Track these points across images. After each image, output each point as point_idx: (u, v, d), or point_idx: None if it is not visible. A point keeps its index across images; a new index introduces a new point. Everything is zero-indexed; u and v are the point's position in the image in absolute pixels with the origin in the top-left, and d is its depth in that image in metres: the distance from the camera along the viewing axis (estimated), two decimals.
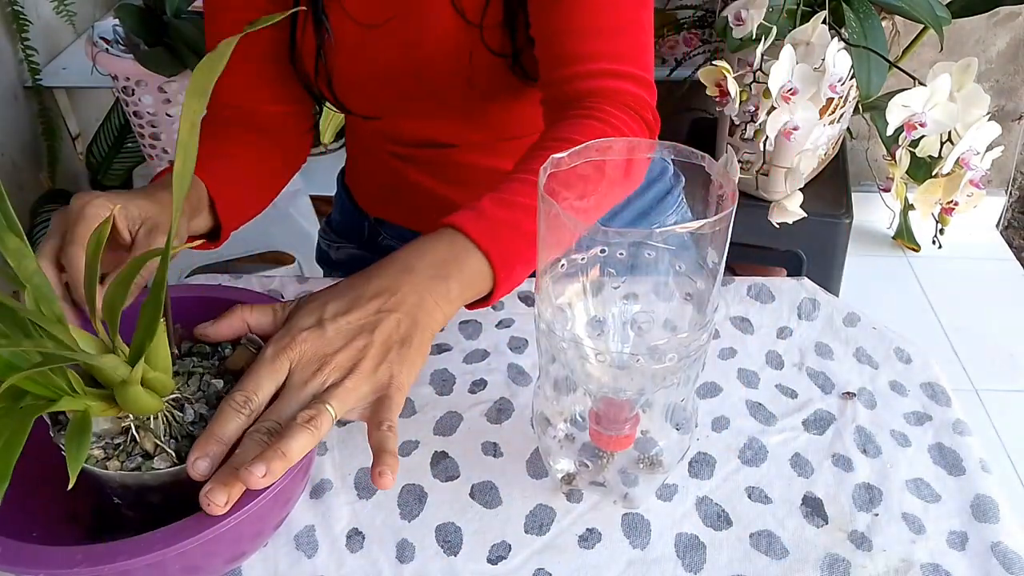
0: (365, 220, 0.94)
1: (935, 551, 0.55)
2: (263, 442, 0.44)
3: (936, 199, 1.05)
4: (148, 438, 0.46)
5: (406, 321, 0.51)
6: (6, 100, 1.55)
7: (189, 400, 0.49)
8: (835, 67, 1.04)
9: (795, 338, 0.73)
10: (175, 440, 0.47)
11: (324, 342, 0.48)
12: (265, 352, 0.48)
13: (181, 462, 0.46)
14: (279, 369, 0.47)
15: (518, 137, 0.79)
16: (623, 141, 0.56)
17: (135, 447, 0.46)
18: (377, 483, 0.45)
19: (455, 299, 0.54)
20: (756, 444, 0.63)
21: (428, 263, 0.54)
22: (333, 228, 1.00)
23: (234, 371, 0.52)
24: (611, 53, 0.67)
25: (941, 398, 0.67)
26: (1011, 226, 2.27)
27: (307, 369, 0.47)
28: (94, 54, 1.36)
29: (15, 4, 1.52)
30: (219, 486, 0.43)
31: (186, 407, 0.48)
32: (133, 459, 0.46)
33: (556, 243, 0.48)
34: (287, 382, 0.47)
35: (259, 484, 0.42)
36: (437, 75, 0.75)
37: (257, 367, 0.47)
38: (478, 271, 0.55)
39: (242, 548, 0.51)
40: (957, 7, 1.44)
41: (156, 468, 0.46)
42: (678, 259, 0.50)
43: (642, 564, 0.54)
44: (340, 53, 0.75)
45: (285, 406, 0.46)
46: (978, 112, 0.99)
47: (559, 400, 0.55)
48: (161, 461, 0.46)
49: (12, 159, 1.57)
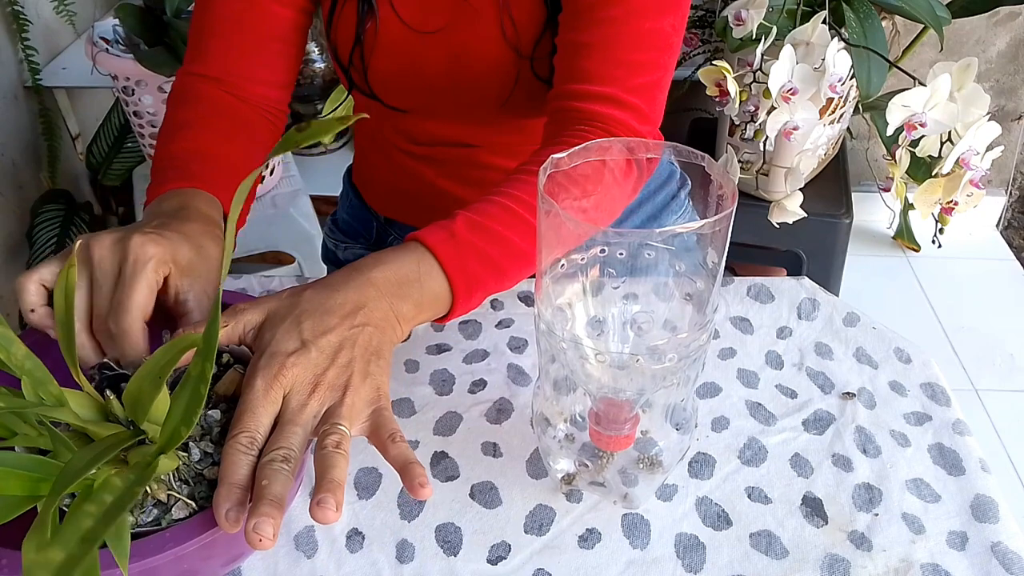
0: (374, 220, 0.94)
1: (935, 551, 0.55)
2: (286, 471, 0.44)
3: (936, 199, 1.05)
4: (161, 489, 0.45)
5: (376, 334, 0.51)
6: (6, 100, 1.55)
7: (193, 438, 0.48)
8: (835, 67, 1.04)
9: (795, 338, 0.73)
10: (186, 484, 0.46)
11: (312, 364, 0.48)
12: (255, 384, 0.47)
13: (196, 505, 0.45)
14: (275, 400, 0.47)
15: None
16: (623, 142, 0.56)
17: (147, 499, 0.45)
18: (420, 495, 0.45)
19: (412, 318, 0.55)
20: (756, 444, 0.63)
21: (393, 279, 0.54)
22: (340, 227, 0.99)
23: (225, 396, 0.51)
24: (628, 85, 0.67)
25: (941, 398, 0.67)
26: (1011, 226, 2.27)
27: (302, 393, 0.47)
28: (94, 54, 1.36)
29: (15, 4, 1.52)
30: (264, 519, 0.41)
31: (191, 446, 0.47)
32: (148, 512, 0.45)
33: (557, 243, 0.48)
34: (284, 408, 0.47)
35: (335, 517, 0.42)
36: (478, 88, 0.75)
37: (252, 402, 0.46)
38: (439, 294, 0.56)
39: (239, 550, 0.51)
40: (957, 7, 1.44)
41: (176, 518, 0.45)
42: (678, 259, 0.50)
43: (642, 564, 0.54)
44: (381, 48, 0.74)
45: (291, 433, 0.46)
46: (978, 112, 0.99)
47: (559, 400, 0.55)
48: (179, 511, 0.45)
49: (12, 159, 1.57)
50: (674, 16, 0.68)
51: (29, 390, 0.44)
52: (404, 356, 0.70)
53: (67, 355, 0.45)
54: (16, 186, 1.58)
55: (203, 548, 0.44)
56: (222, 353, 0.52)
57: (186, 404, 0.42)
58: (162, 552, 0.42)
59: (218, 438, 0.48)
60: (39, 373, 0.44)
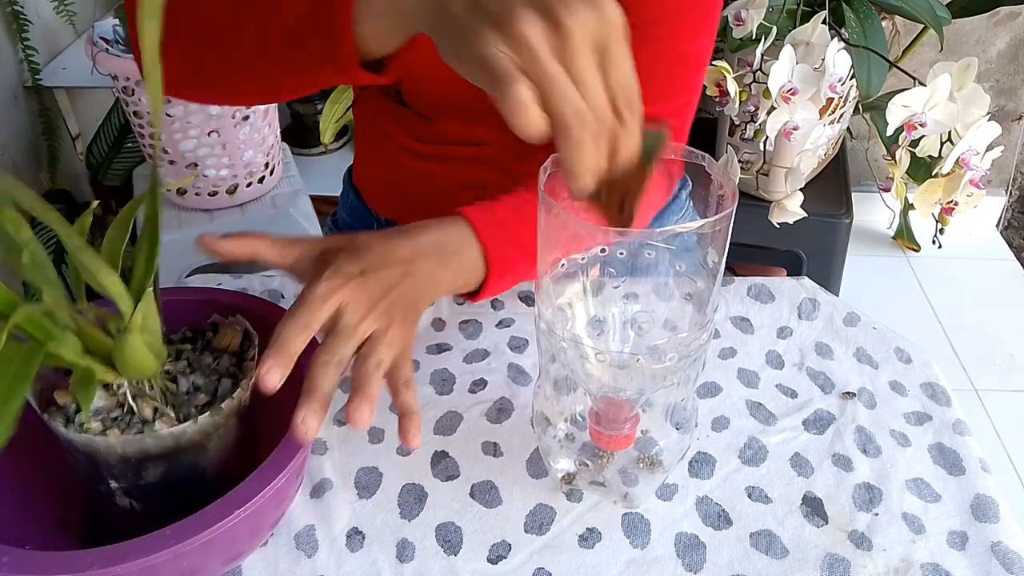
0: (374, 221, 0.94)
1: (935, 551, 0.55)
2: (334, 373, 0.47)
3: (936, 199, 1.05)
4: (147, 403, 0.47)
5: (418, 289, 0.54)
6: (6, 100, 1.55)
7: (182, 372, 0.50)
8: (835, 67, 1.04)
9: (795, 338, 0.73)
10: (172, 407, 0.48)
11: (368, 290, 0.51)
12: (317, 288, 0.49)
13: (181, 423, 0.47)
14: (328, 309, 0.49)
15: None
16: None
17: (132, 418, 0.47)
18: (408, 443, 0.49)
19: (447, 285, 0.58)
20: (756, 444, 0.63)
21: (437, 244, 0.57)
22: (340, 228, 0.99)
23: (221, 349, 0.53)
24: (670, 107, 0.70)
25: (941, 398, 0.67)
26: (1011, 226, 2.27)
27: (356, 313, 0.50)
28: (94, 54, 1.36)
29: (15, 4, 1.52)
30: (311, 413, 0.46)
31: (179, 379, 0.50)
32: (133, 427, 0.47)
33: (557, 243, 0.48)
34: (337, 320, 0.50)
35: (367, 421, 0.47)
36: None
37: (311, 301, 0.49)
38: (474, 269, 0.59)
39: (239, 548, 0.51)
40: (957, 7, 1.44)
41: (157, 430, 0.46)
42: (678, 259, 0.50)
43: (642, 564, 0.54)
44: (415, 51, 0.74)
45: (343, 345, 0.49)
46: (978, 112, 0.99)
47: (559, 400, 0.55)
48: (162, 423, 0.47)
49: (12, 159, 1.57)
50: (709, 38, 0.70)
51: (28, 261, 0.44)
52: None
53: None
54: None
55: (203, 546, 0.44)
56: (222, 316, 0.55)
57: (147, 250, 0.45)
58: (162, 550, 0.42)
59: (208, 375, 0.51)
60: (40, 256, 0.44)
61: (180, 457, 0.48)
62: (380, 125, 0.85)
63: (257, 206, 1.50)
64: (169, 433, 0.46)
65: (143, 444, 0.46)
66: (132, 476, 0.48)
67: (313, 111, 1.87)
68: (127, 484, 0.49)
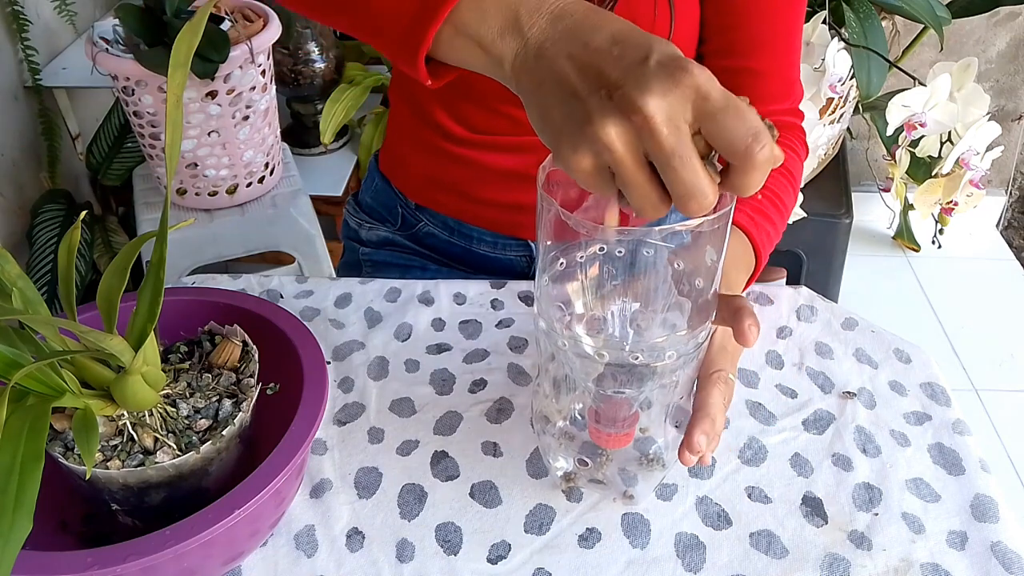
0: (401, 206, 0.92)
1: (935, 551, 0.55)
2: None
3: (936, 199, 1.05)
4: (147, 433, 0.47)
5: None
6: (6, 100, 1.55)
7: (182, 396, 0.49)
8: (835, 67, 1.04)
9: (795, 338, 0.73)
10: (173, 435, 0.48)
11: None
12: None
13: (183, 453, 0.46)
14: None
15: None
16: None
17: (133, 446, 0.47)
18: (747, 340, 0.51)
19: None
20: (756, 444, 0.63)
21: None
22: (363, 208, 0.98)
23: (220, 365, 0.52)
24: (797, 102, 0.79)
25: (941, 398, 0.67)
26: (1011, 226, 2.27)
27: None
28: (94, 54, 1.36)
29: (15, 4, 1.52)
30: None
31: (179, 403, 0.49)
32: (134, 457, 0.46)
33: (557, 241, 0.48)
34: None
35: None
36: None
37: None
38: None
39: (239, 548, 0.51)
40: (957, 7, 1.44)
41: (159, 462, 0.46)
42: (677, 257, 0.50)
43: (642, 564, 0.54)
44: None
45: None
46: (978, 112, 0.99)
47: (558, 398, 0.55)
48: (163, 455, 0.46)
49: (12, 159, 1.57)
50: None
51: (19, 304, 0.45)
52: (404, 356, 0.70)
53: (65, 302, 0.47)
54: (16, 186, 1.58)
55: (203, 546, 0.44)
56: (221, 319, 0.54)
57: (150, 296, 0.44)
58: (162, 550, 0.42)
59: (209, 397, 0.50)
60: (31, 293, 0.45)
61: (182, 483, 0.47)
62: (419, 104, 0.84)
63: (257, 206, 1.50)
64: (171, 464, 0.46)
65: (145, 475, 0.46)
66: (134, 500, 0.48)
67: (313, 111, 1.87)
68: (129, 507, 0.48)
